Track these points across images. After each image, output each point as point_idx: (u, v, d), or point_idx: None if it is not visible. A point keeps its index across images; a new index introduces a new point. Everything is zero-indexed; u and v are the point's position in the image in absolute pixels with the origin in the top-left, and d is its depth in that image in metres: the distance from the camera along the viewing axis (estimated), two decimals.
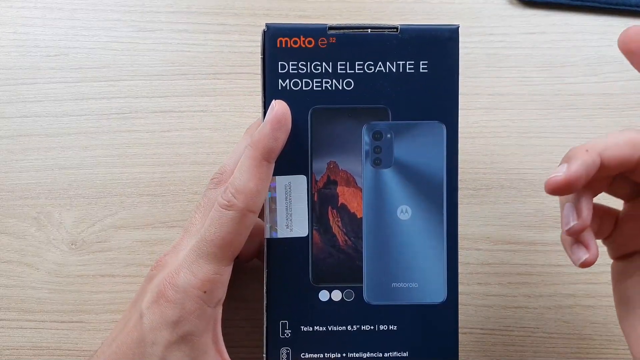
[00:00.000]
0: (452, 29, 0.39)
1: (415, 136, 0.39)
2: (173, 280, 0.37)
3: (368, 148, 0.39)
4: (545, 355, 0.48)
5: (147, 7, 0.52)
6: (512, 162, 0.50)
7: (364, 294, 0.40)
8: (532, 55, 0.52)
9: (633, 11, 0.52)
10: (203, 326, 0.37)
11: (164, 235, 0.49)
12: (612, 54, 0.52)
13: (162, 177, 0.50)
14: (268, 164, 0.37)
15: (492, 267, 0.49)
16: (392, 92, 0.39)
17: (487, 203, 0.50)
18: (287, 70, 0.39)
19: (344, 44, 0.38)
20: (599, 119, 0.51)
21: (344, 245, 0.40)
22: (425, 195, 0.39)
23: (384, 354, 0.40)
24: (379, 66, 0.39)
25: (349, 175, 0.39)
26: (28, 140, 0.50)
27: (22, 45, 0.51)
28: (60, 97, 0.50)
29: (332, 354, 0.40)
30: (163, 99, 0.51)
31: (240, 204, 0.36)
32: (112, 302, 0.48)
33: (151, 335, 0.36)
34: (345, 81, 0.39)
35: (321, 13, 0.52)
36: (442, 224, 0.40)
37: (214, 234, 0.36)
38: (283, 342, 0.40)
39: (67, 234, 0.49)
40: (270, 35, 0.38)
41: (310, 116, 0.39)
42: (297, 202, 0.39)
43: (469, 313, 0.49)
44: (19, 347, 0.48)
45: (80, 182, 0.49)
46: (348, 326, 0.40)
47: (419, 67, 0.39)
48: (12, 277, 0.48)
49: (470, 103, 0.51)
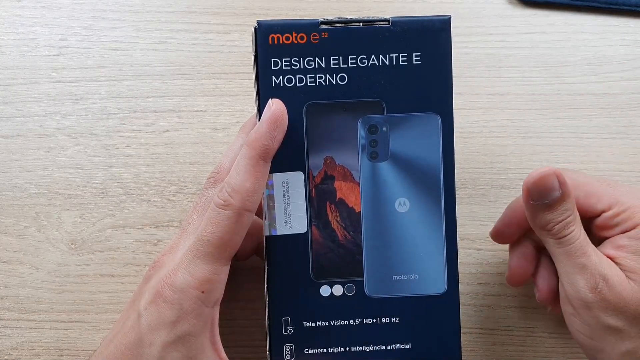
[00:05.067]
0: (444, 19, 0.39)
1: (411, 128, 0.39)
2: (170, 280, 0.36)
3: (364, 142, 0.39)
4: (545, 355, 0.48)
5: (147, 7, 0.52)
6: (512, 162, 0.50)
7: (365, 288, 0.40)
8: (531, 55, 0.52)
9: (633, 11, 0.52)
10: (201, 326, 0.37)
11: (163, 235, 0.49)
12: (612, 54, 0.52)
13: (162, 177, 0.50)
14: (264, 163, 0.37)
15: (492, 267, 0.49)
16: (386, 84, 0.39)
17: (487, 203, 0.50)
18: (280, 66, 0.39)
19: (336, 38, 0.38)
20: (598, 119, 0.51)
21: (344, 239, 0.40)
22: (423, 187, 0.39)
23: (386, 346, 0.40)
24: (372, 59, 0.39)
25: (345, 169, 0.39)
26: (27, 140, 0.50)
27: (22, 45, 0.51)
28: (60, 97, 0.50)
29: (336, 349, 0.40)
30: (162, 98, 0.51)
31: (236, 203, 0.36)
32: (112, 301, 0.48)
33: (149, 336, 0.36)
34: (339, 76, 0.39)
35: (320, 12, 0.52)
36: (441, 215, 0.40)
37: (210, 234, 0.36)
38: (286, 339, 0.40)
39: (67, 233, 0.49)
40: (262, 32, 0.38)
41: (305, 112, 0.39)
42: (295, 198, 0.39)
43: (469, 313, 0.48)
44: (18, 347, 0.48)
45: (79, 182, 0.50)
46: (350, 320, 0.40)
47: (412, 59, 0.39)
48: (12, 277, 0.49)
49: (470, 103, 0.51)
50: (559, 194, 0.38)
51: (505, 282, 0.45)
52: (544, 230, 0.39)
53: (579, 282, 0.38)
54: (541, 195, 0.38)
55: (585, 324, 0.39)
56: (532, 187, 0.38)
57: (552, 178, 0.38)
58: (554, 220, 0.38)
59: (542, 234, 0.39)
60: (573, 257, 0.38)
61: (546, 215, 0.38)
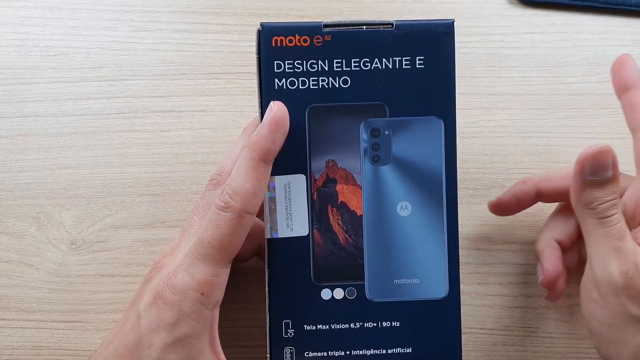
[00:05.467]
0: (447, 23, 0.39)
1: (413, 132, 0.39)
2: (170, 281, 0.36)
3: (366, 145, 0.39)
4: (545, 355, 0.48)
5: (147, 7, 0.52)
6: (512, 162, 0.50)
7: (366, 291, 0.40)
8: (531, 55, 0.52)
9: (633, 11, 0.52)
10: (200, 328, 0.37)
11: (163, 235, 0.49)
12: (611, 53, 0.52)
13: (162, 177, 0.50)
14: (266, 165, 0.37)
15: (492, 267, 0.49)
16: (389, 88, 0.39)
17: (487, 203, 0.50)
18: (283, 69, 0.39)
19: (339, 41, 0.38)
20: (598, 119, 0.51)
21: (345, 243, 0.40)
22: (425, 190, 0.39)
23: (387, 350, 0.40)
24: (375, 63, 0.39)
25: (347, 173, 0.39)
26: (28, 140, 0.50)
27: (22, 45, 0.51)
28: (60, 97, 0.50)
29: (336, 352, 0.40)
30: (163, 98, 0.51)
31: (237, 205, 0.36)
32: (112, 301, 0.48)
33: (148, 337, 0.36)
34: (342, 79, 0.39)
35: (320, 13, 0.52)
36: (442, 219, 0.40)
37: (211, 236, 0.36)
38: (286, 342, 0.40)
39: (67, 233, 0.49)
40: (265, 34, 0.38)
41: (308, 115, 0.39)
42: (296, 201, 0.39)
43: (469, 313, 0.48)
44: (19, 346, 0.48)
45: (80, 182, 0.49)
46: (351, 324, 0.40)
47: (415, 63, 0.39)
48: (12, 276, 0.49)
49: (470, 103, 0.51)
50: (612, 174, 0.38)
51: (540, 286, 0.45)
52: (588, 207, 0.38)
53: (612, 265, 0.37)
54: (595, 171, 0.38)
55: (607, 311, 0.38)
56: (587, 162, 0.38)
57: (608, 156, 0.37)
58: (600, 198, 0.38)
59: (584, 211, 0.39)
60: (611, 240, 0.37)
61: (594, 193, 0.38)
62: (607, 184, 0.38)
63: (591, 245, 0.39)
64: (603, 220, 0.38)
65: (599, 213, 0.38)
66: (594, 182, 0.38)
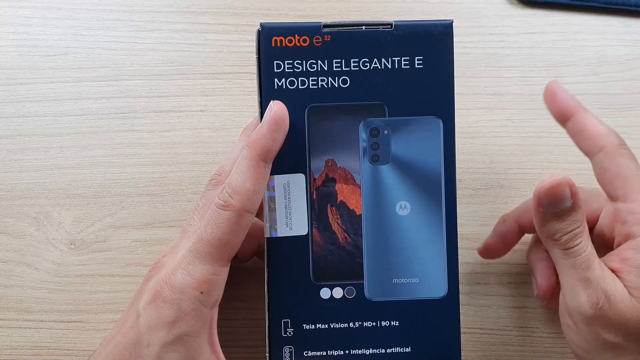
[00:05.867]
0: (446, 23, 0.39)
1: (412, 132, 0.39)
2: (170, 280, 0.36)
3: (365, 145, 0.39)
4: (545, 355, 0.48)
5: (147, 7, 0.52)
6: (512, 162, 0.50)
7: (365, 291, 0.40)
8: (531, 55, 0.52)
9: (633, 11, 0.52)
10: (199, 327, 0.37)
11: (163, 235, 0.49)
12: (612, 53, 0.52)
13: (161, 177, 0.50)
14: (265, 165, 0.37)
15: (492, 267, 0.49)
16: (388, 88, 0.39)
17: (487, 203, 0.50)
18: (282, 69, 0.39)
19: (338, 41, 0.39)
20: None
21: (344, 242, 0.40)
22: (424, 190, 0.39)
23: (386, 350, 0.40)
24: (374, 63, 0.39)
25: (347, 172, 0.39)
26: (27, 140, 0.50)
27: (22, 45, 0.51)
28: (60, 97, 0.50)
29: (335, 352, 0.40)
30: (162, 98, 0.51)
31: (236, 204, 0.36)
32: (111, 301, 0.48)
33: (147, 336, 0.36)
34: (341, 79, 0.39)
35: (320, 13, 0.52)
36: (441, 219, 0.40)
37: (210, 235, 0.36)
38: (286, 341, 0.40)
39: (66, 233, 0.49)
40: (265, 34, 0.38)
41: (307, 114, 0.39)
42: (296, 200, 0.39)
43: (469, 313, 0.48)
44: (18, 347, 0.48)
45: (79, 182, 0.49)
46: (350, 323, 0.40)
47: (414, 63, 0.39)
48: (12, 276, 0.48)
49: (470, 103, 0.51)
50: (570, 204, 0.37)
51: (536, 296, 0.44)
52: (551, 239, 0.38)
53: (581, 296, 0.37)
54: (552, 204, 0.37)
55: (583, 338, 0.38)
56: (543, 195, 0.37)
57: (565, 187, 0.37)
58: (562, 230, 0.38)
59: (548, 243, 0.39)
60: (577, 270, 0.37)
61: (555, 225, 0.38)
62: (566, 215, 0.37)
63: (561, 274, 0.39)
64: (567, 251, 0.38)
65: (562, 244, 0.38)
66: (553, 215, 0.38)
